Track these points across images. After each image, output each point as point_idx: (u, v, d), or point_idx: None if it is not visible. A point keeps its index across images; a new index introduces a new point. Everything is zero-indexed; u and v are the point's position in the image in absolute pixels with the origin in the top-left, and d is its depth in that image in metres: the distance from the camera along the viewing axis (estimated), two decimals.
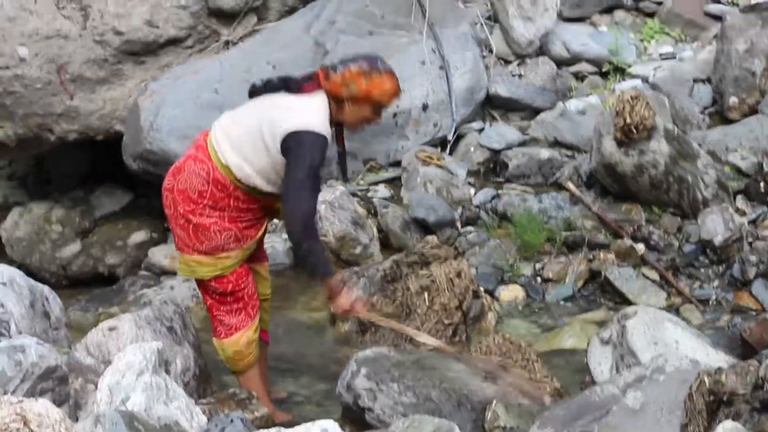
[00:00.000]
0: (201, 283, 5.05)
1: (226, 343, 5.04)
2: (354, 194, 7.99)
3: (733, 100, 8.54)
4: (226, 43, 9.15)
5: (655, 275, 6.94)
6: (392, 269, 6.45)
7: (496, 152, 8.58)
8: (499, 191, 8.11)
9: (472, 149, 8.68)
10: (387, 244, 7.58)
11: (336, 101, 4.79)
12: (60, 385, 4.35)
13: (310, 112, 4.72)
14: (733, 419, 3.61)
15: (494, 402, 4.49)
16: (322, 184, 7.74)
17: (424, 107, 8.73)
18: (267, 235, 6.75)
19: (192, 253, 4.90)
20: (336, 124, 4.90)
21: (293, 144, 4.63)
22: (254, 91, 4.93)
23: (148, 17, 8.82)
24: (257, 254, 5.25)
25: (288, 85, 4.85)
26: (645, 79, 9.16)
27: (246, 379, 5.12)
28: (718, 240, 6.92)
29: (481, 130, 8.90)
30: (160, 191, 4.96)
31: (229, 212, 4.84)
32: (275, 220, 6.00)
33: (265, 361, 5.39)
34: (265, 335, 5.35)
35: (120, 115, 8.80)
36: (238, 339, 5.02)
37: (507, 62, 9.53)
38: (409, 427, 3.80)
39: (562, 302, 6.96)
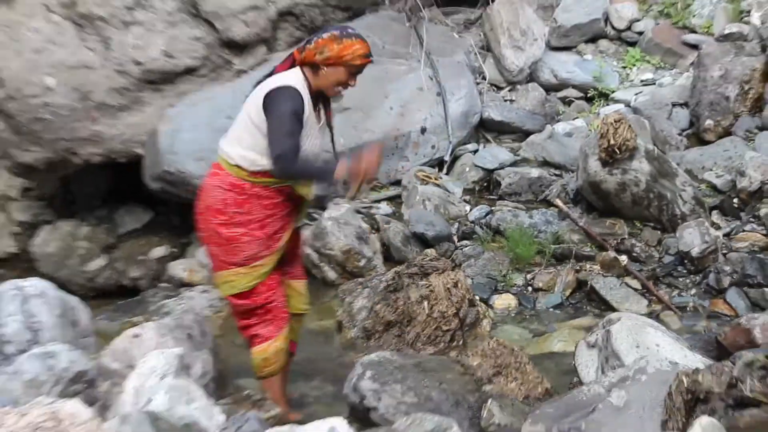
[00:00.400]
0: (233, 305, 5.08)
1: (254, 351, 5.07)
2: (358, 211, 8.02)
3: (708, 122, 8.58)
4: (238, 71, 9.18)
5: (637, 284, 7.00)
6: (394, 280, 6.45)
7: (489, 172, 8.61)
8: (493, 208, 8.14)
9: (467, 169, 8.71)
10: (389, 257, 7.63)
11: (312, 69, 4.79)
12: (89, 388, 4.36)
13: (282, 78, 4.75)
14: (710, 415, 3.61)
15: (489, 401, 4.53)
16: (330, 202, 7.82)
17: (423, 130, 8.76)
18: None
19: (230, 267, 4.92)
20: (317, 93, 4.85)
21: (268, 102, 4.66)
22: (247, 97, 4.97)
23: (165, 48, 8.87)
24: (294, 271, 5.26)
25: (267, 75, 4.90)
26: (627, 104, 9.21)
27: (269, 384, 5.12)
28: (695, 252, 6.96)
29: (475, 152, 8.93)
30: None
31: (256, 215, 4.84)
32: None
33: (288, 367, 5.38)
34: (293, 346, 5.35)
35: (140, 139, 8.80)
36: (267, 348, 5.04)
37: (499, 88, 9.58)
38: (411, 424, 3.80)
39: (551, 309, 7.01)
